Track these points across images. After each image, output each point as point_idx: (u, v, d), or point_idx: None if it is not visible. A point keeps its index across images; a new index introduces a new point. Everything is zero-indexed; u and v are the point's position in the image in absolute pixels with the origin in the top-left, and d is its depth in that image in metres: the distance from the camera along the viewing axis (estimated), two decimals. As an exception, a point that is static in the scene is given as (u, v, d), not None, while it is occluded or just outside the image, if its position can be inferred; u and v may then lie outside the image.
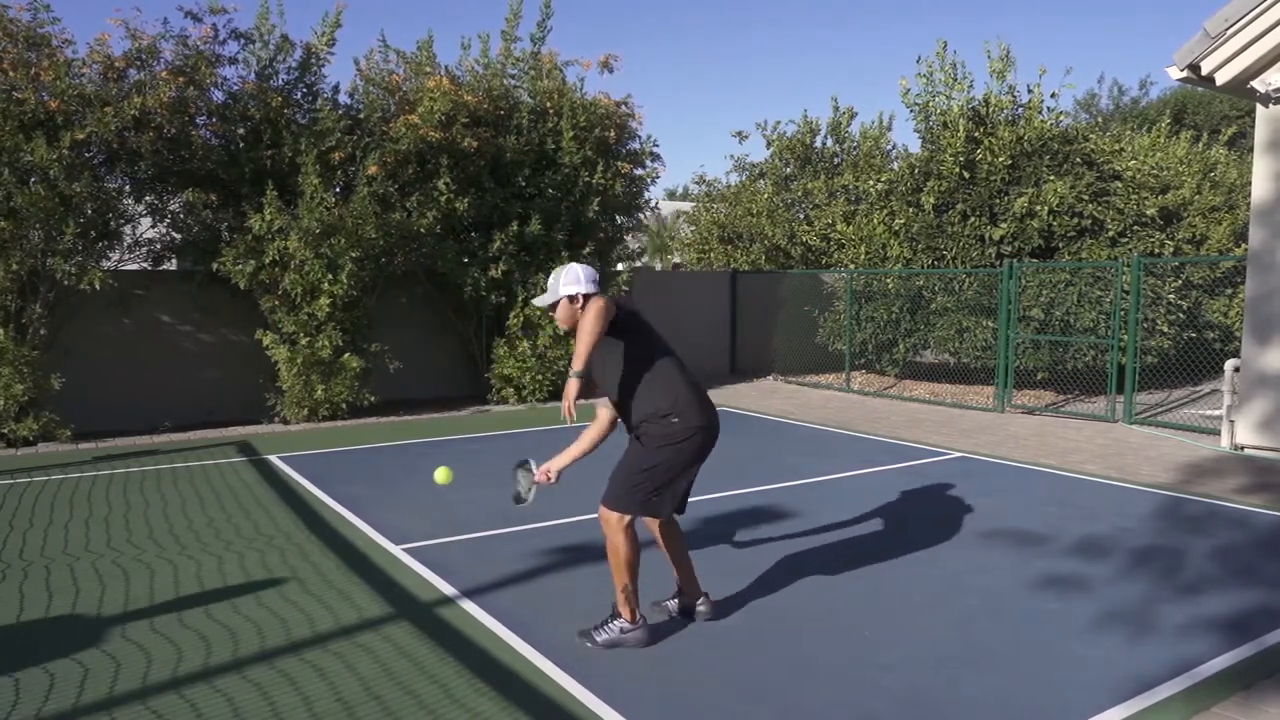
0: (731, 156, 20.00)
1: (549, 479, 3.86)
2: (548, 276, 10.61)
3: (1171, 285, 11.03)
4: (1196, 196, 13.12)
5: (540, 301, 3.82)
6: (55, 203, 8.15)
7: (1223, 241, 12.93)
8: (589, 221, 11.18)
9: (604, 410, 3.87)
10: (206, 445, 8.56)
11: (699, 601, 3.98)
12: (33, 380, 8.26)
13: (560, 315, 3.76)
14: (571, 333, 3.83)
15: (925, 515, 5.76)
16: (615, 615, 3.72)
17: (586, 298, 3.66)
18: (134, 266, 9.93)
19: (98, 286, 8.49)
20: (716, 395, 11.97)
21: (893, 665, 3.50)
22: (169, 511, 6.01)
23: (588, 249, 11.15)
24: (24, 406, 8.33)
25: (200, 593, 4.39)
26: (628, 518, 3.60)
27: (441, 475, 4.01)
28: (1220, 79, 7.48)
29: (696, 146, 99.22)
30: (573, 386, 3.44)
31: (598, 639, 3.68)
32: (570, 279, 3.71)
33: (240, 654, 3.64)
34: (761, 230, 16.69)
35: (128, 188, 9.30)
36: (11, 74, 8.07)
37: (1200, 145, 16.57)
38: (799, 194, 16.96)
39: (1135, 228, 11.19)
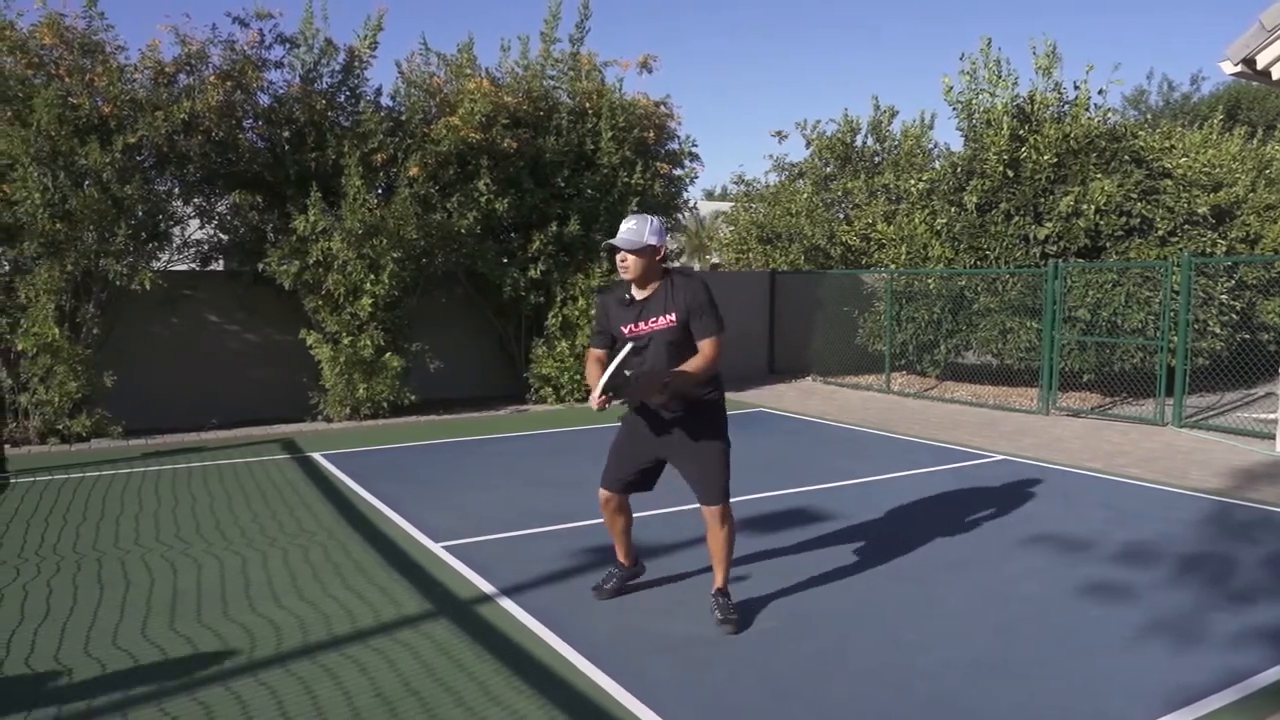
0: (770, 156, 19.94)
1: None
2: (586, 277, 10.80)
3: (1224, 285, 10.75)
4: (1251, 194, 12.76)
5: (622, 242, 3.65)
6: (108, 205, 8.37)
7: (1278, 240, 12.57)
8: (627, 222, 11.19)
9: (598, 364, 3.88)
10: (252, 443, 8.73)
11: (638, 569, 4.34)
12: (86, 378, 8.47)
13: (635, 262, 3.66)
14: (635, 281, 3.74)
15: (965, 518, 5.68)
16: (724, 594, 3.93)
17: (665, 254, 3.77)
18: (183, 267, 10.15)
19: (148, 286, 8.68)
20: (755, 395, 11.93)
21: (929, 669, 3.46)
22: (215, 507, 6.14)
23: (626, 249, 11.16)
24: (78, 404, 8.55)
25: (245, 587, 4.48)
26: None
27: None
28: (1277, 73, 7.27)
29: (735, 146, 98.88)
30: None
31: (734, 617, 3.85)
32: (656, 230, 3.70)
33: (283, 648, 3.70)
34: (800, 230, 16.57)
35: (177, 190, 9.51)
36: (67, 80, 8.30)
37: (1255, 142, 16.11)
38: (839, 193, 16.81)
39: (1186, 227, 10.93)
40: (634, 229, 3.67)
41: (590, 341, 3.98)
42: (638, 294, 3.75)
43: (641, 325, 3.73)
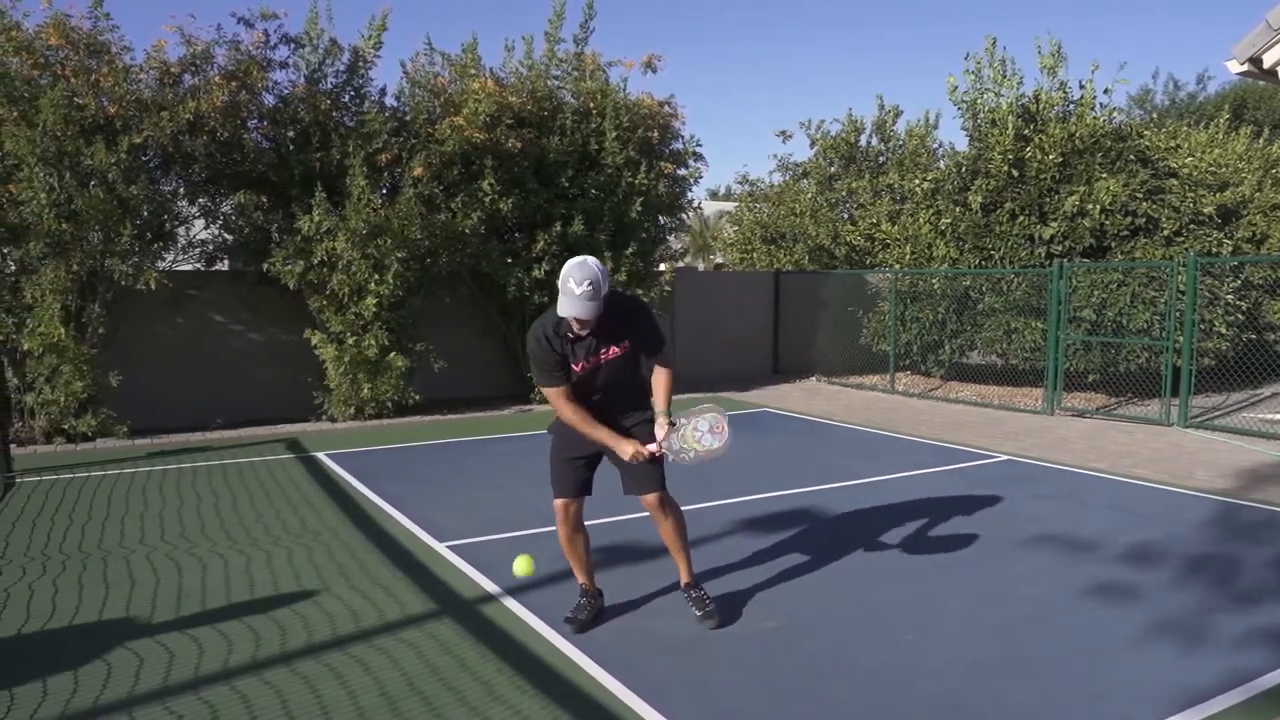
0: (775, 156, 19.90)
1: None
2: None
3: (1230, 285, 10.72)
4: (1257, 194, 12.72)
5: (588, 312, 3.36)
6: (113, 205, 8.38)
7: (1284, 240, 12.52)
8: (632, 222, 11.19)
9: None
10: (256, 442, 8.74)
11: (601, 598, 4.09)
12: (91, 378, 8.50)
13: (597, 316, 3.44)
14: (593, 334, 3.56)
15: (970, 519, 5.67)
16: (694, 586, 3.94)
17: None
18: (187, 267, 10.17)
19: (153, 287, 8.71)
20: (759, 395, 11.92)
21: (933, 671, 3.45)
22: (220, 507, 6.15)
23: (630, 249, 11.17)
24: (83, 403, 8.57)
25: (249, 587, 4.49)
26: None
27: (521, 566, 3.82)
28: (1282, 73, 7.24)
29: (739, 146, 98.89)
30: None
31: (713, 608, 3.87)
32: (604, 272, 3.41)
33: (288, 647, 3.71)
34: (805, 230, 16.56)
35: (182, 190, 9.53)
36: (73, 80, 8.33)
37: (1261, 141, 16.05)
38: (843, 193, 16.80)
39: (1192, 226, 10.89)
40: (590, 291, 3.32)
41: (551, 380, 3.57)
42: (580, 329, 3.50)
43: (600, 357, 3.60)
